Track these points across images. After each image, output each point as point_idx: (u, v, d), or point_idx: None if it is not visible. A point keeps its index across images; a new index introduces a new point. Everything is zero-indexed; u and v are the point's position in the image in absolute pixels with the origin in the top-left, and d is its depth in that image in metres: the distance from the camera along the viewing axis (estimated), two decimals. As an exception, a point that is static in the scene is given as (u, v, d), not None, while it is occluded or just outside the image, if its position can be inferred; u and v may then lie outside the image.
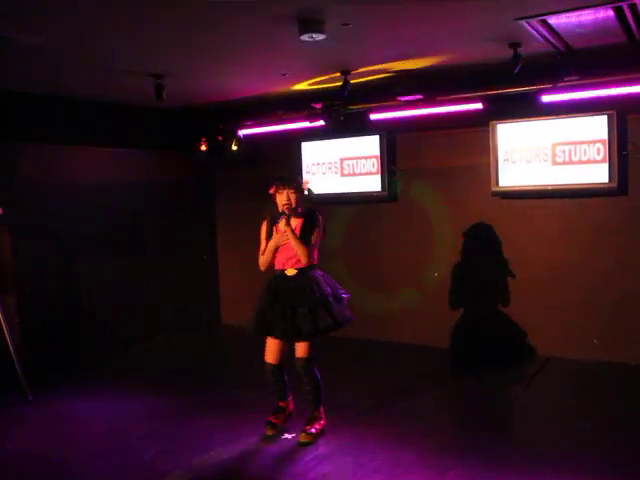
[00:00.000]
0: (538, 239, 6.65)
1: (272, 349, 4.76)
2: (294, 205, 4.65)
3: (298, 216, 4.72)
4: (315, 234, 4.70)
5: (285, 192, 4.64)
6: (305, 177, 4.85)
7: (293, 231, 4.62)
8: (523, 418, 5.14)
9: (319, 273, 4.77)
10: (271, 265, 4.78)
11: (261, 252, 4.80)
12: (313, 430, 4.74)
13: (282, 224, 4.63)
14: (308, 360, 4.67)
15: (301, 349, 4.66)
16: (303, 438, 4.69)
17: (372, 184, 7.47)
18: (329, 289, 4.69)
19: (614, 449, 4.42)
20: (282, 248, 4.69)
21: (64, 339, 6.95)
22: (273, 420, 4.87)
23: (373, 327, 7.52)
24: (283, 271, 4.73)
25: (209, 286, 8.92)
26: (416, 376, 6.34)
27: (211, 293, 8.94)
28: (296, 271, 4.69)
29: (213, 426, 5.07)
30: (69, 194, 6.98)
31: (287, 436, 4.79)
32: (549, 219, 6.60)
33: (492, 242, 6.86)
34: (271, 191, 4.71)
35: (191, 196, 8.60)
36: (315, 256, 4.76)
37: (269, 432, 4.82)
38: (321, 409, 4.84)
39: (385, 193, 7.40)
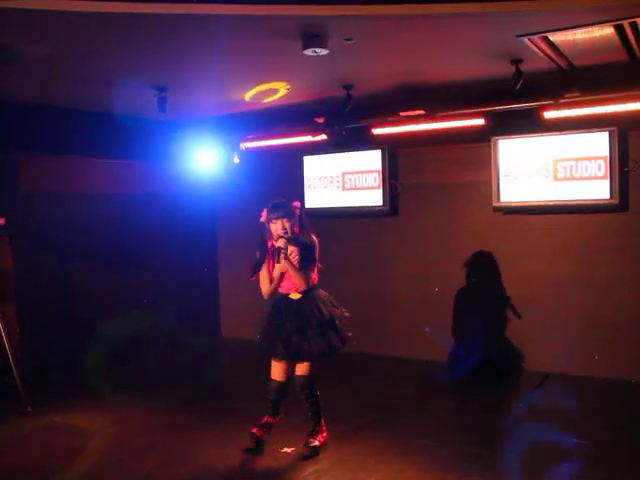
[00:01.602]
0: (539, 255, 6.66)
1: (278, 368, 4.74)
2: (289, 233, 4.58)
3: (294, 243, 4.65)
4: (313, 257, 4.67)
5: (279, 222, 4.58)
6: (294, 200, 4.76)
7: (292, 263, 4.57)
8: (522, 434, 5.10)
9: (323, 293, 4.77)
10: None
11: (267, 280, 4.70)
12: (316, 443, 4.73)
13: (281, 257, 4.51)
14: (308, 378, 4.68)
15: (302, 368, 4.67)
16: (306, 451, 4.68)
17: (374, 198, 7.48)
18: (336, 310, 4.72)
19: (613, 465, 4.39)
20: (286, 275, 4.66)
21: (64, 350, 6.93)
22: (257, 432, 4.81)
23: (373, 342, 7.51)
24: (287, 295, 4.71)
25: (209, 298, 8.91)
26: (416, 391, 6.32)
27: (211, 306, 8.93)
28: (300, 295, 4.68)
29: (212, 439, 5.06)
30: (71, 205, 6.99)
31: (287, 450, 4.77)
32: (550, 235, 6.61)
33: (492, 257, 6.87)
34: (262, 219, 4.66)
35: (192, 208, 8.61)
36: (315, 276, 4.74)
37: (251, 446, 4.76)
38: (322, 422, 4.82)
39: (387, 208, 7.41)
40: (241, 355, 7.71)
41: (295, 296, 4.68)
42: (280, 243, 4.52)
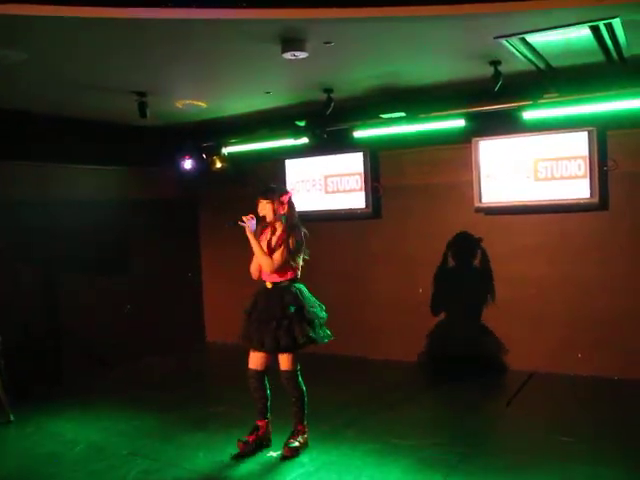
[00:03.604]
0: (521, 254, 6.70)
1: (254, 358, 4.77)
2: (269, 217, 4.70)
3: (279, 228, 4.73)
4: (281, 248, 4.67)
5: (262, 202, 4.72)
6: (289, 190, 4.83)
7: (255, 239, 4.65)
8: (507, 433, 5.14)
9: (297, 288, 4.77)
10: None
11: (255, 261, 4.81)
12: (296, 443, 4.72)
13: (247, 233, 4.65)
14: (291, 372, 4.68)
15: (283, 362, 4.68)
16: (286, 452, 4.68)
17: (356, 201, 7.49)
18: (305, 305, 4.69)
19: (597, 462, 4.42)
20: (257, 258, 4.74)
21: (46, 359, 6.88)
22: (246, 437, 4.81)
23: (357, 344, 7.53)
24: (264, 283, 4.79)
25: (193, 303, 8.88)
26: (401, 392, 6.33)
27: (195, 310, 8.91)
28: (271, 285, 4.74)
29: (197, 444, 5.04)
30: (52, 212, 6.94)
31: (272, 454, 4.76)
32: (532, 234, 6.66)
33: (475, 258, 6.91)
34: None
35: (175, 214, 8.59)
36: (296, 270, 4.77)
37: (240, 449, 4.75)
38: (304, 423, 4.82)
39: (369, 210, 7.43)
40: (226, 359, 7.70)
41: (268, 285, 4.75)
42: (244, 218, 4.64)
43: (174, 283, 8.52)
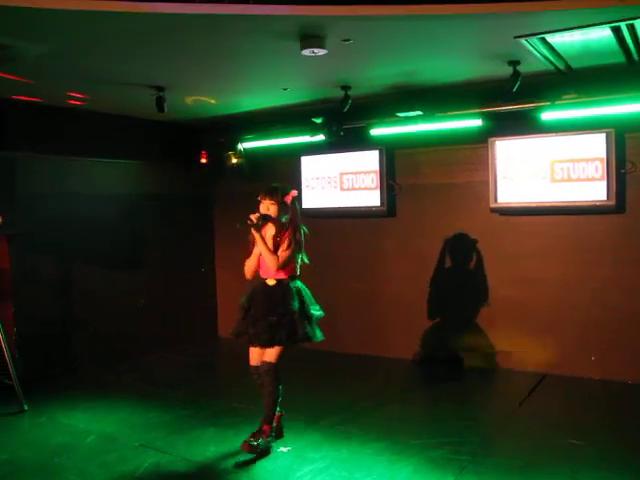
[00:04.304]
0: (535, 255, 6.66)
1: (253, 354, 4.84)
2: (273, 216, 4.72)
3: (281, 227, 4.76)
4: (286, 246, 4.70)
5: (266, 202, 4.74)
6: (293, 190, 4.84)
7: (262, 238, 4.68)
8: (518, 434, 5.11)
9: (297, 286, 4.82)
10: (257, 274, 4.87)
11: (251, 260, 4.87)
12: (255, 443, 4.67)
13: (253, 231, 4.68)
14: (272, 364, 4.70)
15: (269, 353, 4.71)
16: (243, 447, 4.66)
17: (371, 199, 7.48)
18: (298, 304, 4.71)
19: (606, 466, 4.40)
20: (261, 257, 4.77)
21: (60, 350, 6.93)
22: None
23: (370, 341, 7.53)
24: (265, 280, 4.82)
25: (206, 298, 8.91)
26: (412, 391, 6.34)
27: (208, 305, 8.94)
28: (275, 281, 4.76)
29: (208, 439, 5.06)
30: (69, 205, 6.99)
31: (282, 449, 4.78)
32: (547, 236, 6.61)
33: (489, 258, 6.88)
34: (258, 198, 4.80)
35: (190, 209, 8.62)
36: (295, 268, 4.82)
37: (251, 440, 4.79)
38: (272, 425, 4.80)
39: (384, 208, 7.41)
40: (238, 355, 7.71)
41: (270, 282, 4.79)
42: (252, 217, 4.65)
43: (188, 278, 8.55)
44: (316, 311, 4.83)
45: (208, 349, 8.42)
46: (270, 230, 4.78)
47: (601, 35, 4.41)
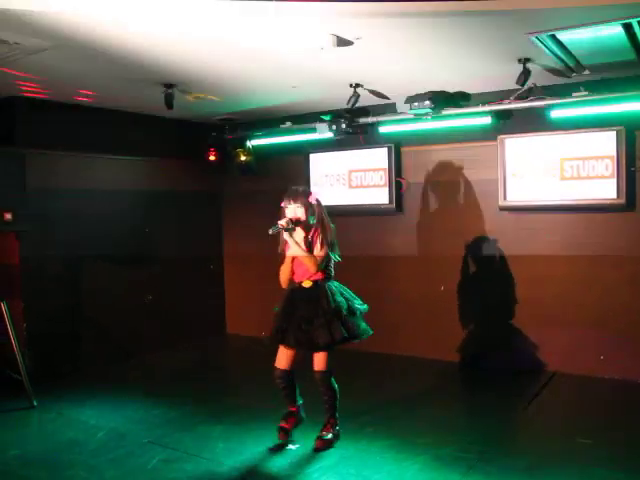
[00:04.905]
0: (544, 253, 6.64)
1: (283, 356, 4.77)
2: (303, 219, 4.67)
3: (308, 228, 4.72)
4: (320, 245, 4.68)
5: (292, 206, 4.68)
6: (313, 190, 4.81)
7: (296, 242, 4.61)
8: (526, 434, 5.11)
9: (335, 285, 4.80)
10: (290, 279, 4.81)
11: (286, 268, 4.80)
12: (330, 436, 4.78)
13: (286, 236, 4.62)
14: (326, 372, 4.71)
15: (319, 362, 4.70)
16: (318, 444, 4.73)
17: (380, 196, 7.48)
18: (344, 301, 4.71)
19: (616, 466, 4.38)
20: (298, 262, 4.71)
21: (69, 346, 6.96)
22: (284, 425, 4.88)
23: (378, 340, 7.50)
24: (300, 283, 4.76)
25: (215, 295, 8.93)
26: (421, 389, 6.32)
27: (216, 302, 8.95)
28: (312, 283, 4.72)
29: (216, 435, 5.07)
30: (78, 201, 7.01)
31: (291, 447, 4.78)
32: (556, 234, 6.59)
33: (499, 256, 6.87)
34: (282, 204, 4.75)
35: (199, 206, 8.63)
36: (329, 268, 4.78)
37: (281, 437, 4.84)
38: (335, 417, 4.85)
39: (392, 206, 7.41)
40: (246, 352, 7.74)
41: (307, 284, 4.73)
42: (282, 222, 4.58)
43: (196, 275, 8.57)
44: (360, 305, 4.84)
45: (216, 346, 8.43)
46: (300, 233, 4.70)
47: (612, 32, 4.38)
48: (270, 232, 4.58)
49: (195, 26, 4.18)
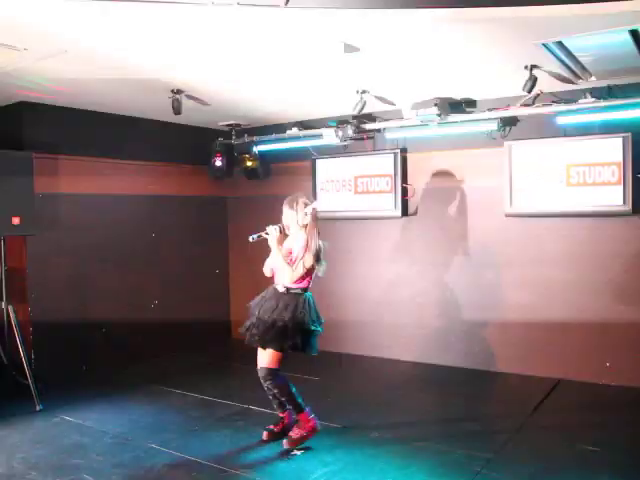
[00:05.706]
0: (550, 259, 6.63)
1: (259, 355, 4.92)
2: (294, 226, 4.80)
3: (301, 239, 4.78)
4: (302, 260, 4.73)
5: (286, 213, 4.85)
6: (313, 204, 4.84)
7: (279, 250, 4.77)
8: (532, 440, 5.08)
9: (307, 296, 4.84)
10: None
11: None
12: (294, 435, 4.83)
13: (270, 243, 4.76)
14: (267, 370, 4.79)
15: (265, 358, 4.82)
16: (285, 444, 4.81)
17: (385, 202, 7.48)
18: (303, 316, 4.72)
19: (622, 473, 4.37)
20: (275, 267, 4.87)
21: (76, 349, 6.97)
22: (272, 426, 5.02)
23: (382, 345, 7.52)
24: (275, 285, 4.90)
25: (220, 300, 8.94)
26: (426, 394, 6.31)
27: (222, 307, 8.96)
28: (284, 289, 4.81)
29: (221, 440, 5.08)
30: (85, 206, 7.05)
31: (296, 452, 4.78)
32: (562, 240, 6.58)
33: (505, 262, 6.86)
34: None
35: (205, 211, 8.65)
36: (309, 280, 4.84)
37: (264, 437, 4.98)
38: (305, 413, 4.87)
39: (398, 211, 7.41)
40: (251, 356, 7.72)
41: (280, 288, 4.85)
42: (268, 229, 4.77)
43: (202, 279, 8.58)
44: (315, 327, 4.80)
45: (221, 350, 8.43)
46: (288, 241, 4.86)
47: (619, 39, 4.38)
48: (250, 240, 4.76)
49: (201, 33, 4.20)
